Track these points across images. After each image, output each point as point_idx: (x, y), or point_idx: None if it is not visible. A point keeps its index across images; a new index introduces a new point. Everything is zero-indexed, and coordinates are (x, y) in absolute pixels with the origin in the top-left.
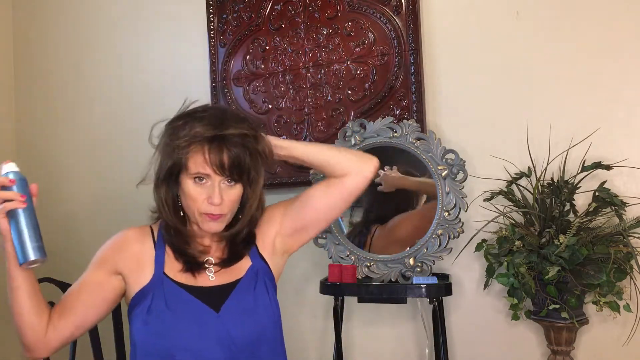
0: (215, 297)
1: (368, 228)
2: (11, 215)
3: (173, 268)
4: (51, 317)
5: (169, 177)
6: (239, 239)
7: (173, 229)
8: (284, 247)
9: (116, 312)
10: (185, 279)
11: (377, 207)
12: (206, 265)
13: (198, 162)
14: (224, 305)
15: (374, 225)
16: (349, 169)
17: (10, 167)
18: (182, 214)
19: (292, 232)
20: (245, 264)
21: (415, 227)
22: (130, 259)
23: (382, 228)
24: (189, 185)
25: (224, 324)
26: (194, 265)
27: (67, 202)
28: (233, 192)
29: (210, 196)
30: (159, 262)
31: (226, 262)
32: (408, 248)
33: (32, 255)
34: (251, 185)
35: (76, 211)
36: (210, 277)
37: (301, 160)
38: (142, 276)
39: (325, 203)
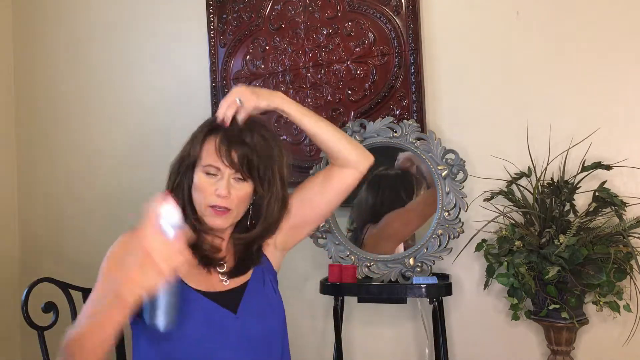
0: (230, 299)
1: (362, 228)
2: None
3: (188, 273)
4: None
5: (184, 166)
6: (253, 247)
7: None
8: (282, 243)
9: None
10: (202, 284)
11: (369, 206)
12: (219, 270)
13: (210, 152)
14: (240, 306)
15: (367, 224)
16: (349, 160)
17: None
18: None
19: (289, 228)
20: None
21: (404, 223)
22: None
23: (373, 226)
24: (200, 177)
25: (242, 325)
26: (208, 259)
27: (68, 203)
28: (242, 189)
29: (217, 188)
30: None
31: (234, 272)
32: (402, 244)
33: (168, 327)
34: (263, 184)
35: (77, 212)
36: (225, 282)
37: (307, 134)
38: None
39: (322, 199)
